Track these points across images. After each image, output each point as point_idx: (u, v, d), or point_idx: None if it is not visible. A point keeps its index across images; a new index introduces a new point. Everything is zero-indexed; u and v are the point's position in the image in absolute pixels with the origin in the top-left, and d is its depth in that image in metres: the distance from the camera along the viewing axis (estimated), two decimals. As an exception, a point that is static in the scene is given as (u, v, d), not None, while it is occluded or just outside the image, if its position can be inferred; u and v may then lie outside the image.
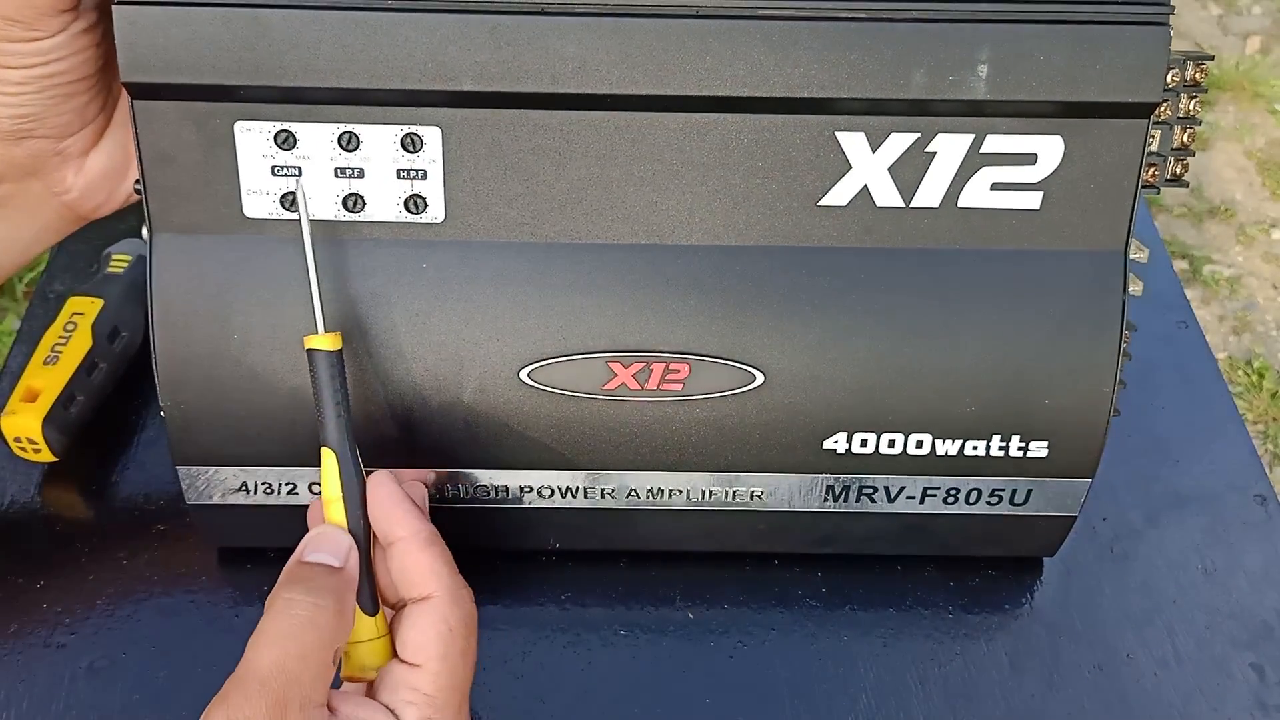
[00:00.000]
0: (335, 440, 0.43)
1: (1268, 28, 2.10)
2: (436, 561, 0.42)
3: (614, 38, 0.43)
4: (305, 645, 0.39)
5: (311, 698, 0.39)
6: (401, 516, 0.43)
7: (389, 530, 0.43)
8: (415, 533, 0.43)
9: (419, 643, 0.42)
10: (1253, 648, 0.53)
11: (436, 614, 0.42)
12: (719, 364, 0.47)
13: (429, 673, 0.41)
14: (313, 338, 0.43)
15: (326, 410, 0.43)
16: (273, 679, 0.38)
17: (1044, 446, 0.49)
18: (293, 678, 0.38)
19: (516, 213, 0.46)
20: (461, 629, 0.42)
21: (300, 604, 0.40)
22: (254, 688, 0.38)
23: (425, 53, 0.43)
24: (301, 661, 0.39)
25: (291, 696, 0.38)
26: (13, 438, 0.56)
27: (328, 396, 0.43)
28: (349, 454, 0.43)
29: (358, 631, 0.43)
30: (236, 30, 0.42)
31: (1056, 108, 0.44)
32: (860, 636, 0.53)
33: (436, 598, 0.42)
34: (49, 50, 0.43)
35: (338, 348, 0.43)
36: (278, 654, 0.39)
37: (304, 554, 0.42)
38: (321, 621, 0.40)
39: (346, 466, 0.43)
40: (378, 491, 0.43)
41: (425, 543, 0.43)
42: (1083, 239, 0.47)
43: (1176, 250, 1.67)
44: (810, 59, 0.43)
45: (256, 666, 0.38)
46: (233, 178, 0.45)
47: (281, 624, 0.40)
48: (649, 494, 0.50)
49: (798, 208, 0.46)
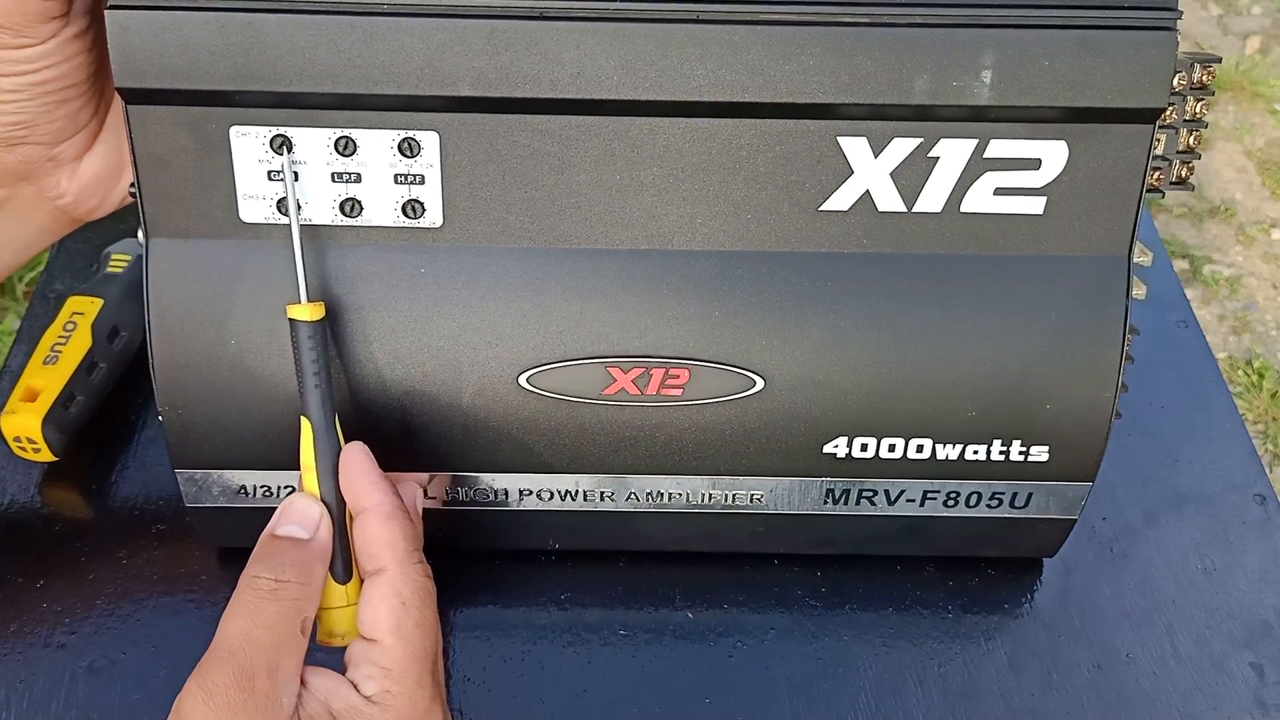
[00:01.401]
0: (312, 410, 0.44)
1: (1267, 28, 2.09)
2: (394, 534, 0.43)
3: (613, 42, 0.42)
4: (269, 616, 0.41)
5: (280, 665, 0.40)
6: (367, 488, 0.44)
7: (356, 501, 0.44)
8: (378, 505, 0.43)
9: (373, 616, 0.43)
10: (1252, 647, 0.53)
11: (389, 587, 0.43)
12: (719, 369, 0.47)
13: (384, 647, 0.42)
14: (294, 307, 0.44)
15: (306, 380, 0.44)
16: (240, 648, 0.40)
17: (1045, 451, 0.49)
18: (258, 646, 0.40)
19: (515, 218, 0.45)
20: (415, 600, 0.43)
21: (264, 580, 0.41)
22: (223, 656, 0.40)
23: (422, 57, 0.42)
24: (267, 631, 0.40)
25: (258, 664, 0.39)
26: (12, 437, 0.56)
27: (307, 366, 0.44)
28: (325, 424, 0.44)
29: (329, 598, 0.44)
30: (231, 35, 0.42)
31: (1061, 113, 0.44)
32: (860, 636, 0.53)
33: (389, 570, 0.43)
34: (39, 57, 0.43)
35: (319, 318, 0.44)
36: (244, 624, 0.40)
37: (275, 526, 0.43)
38: (285, 594, 0.41)
39: (321, 436, 0.44)
40: (349, 463, 0.44)
41: (386, 516, 0.43)
42: (1086, 244, 0.46)
43: (1176, 250, 1.67)
44: (812, 64, 0.43)
45: (225, 637, 0.40)
46: (229, 182, 0.45)
47: (246, 598, 0.41)
48: (648, 498, 0.50)
49: (799, 213, 0.46)
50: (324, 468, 0.44)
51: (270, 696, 0.39)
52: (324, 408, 0.44)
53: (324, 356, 0.44)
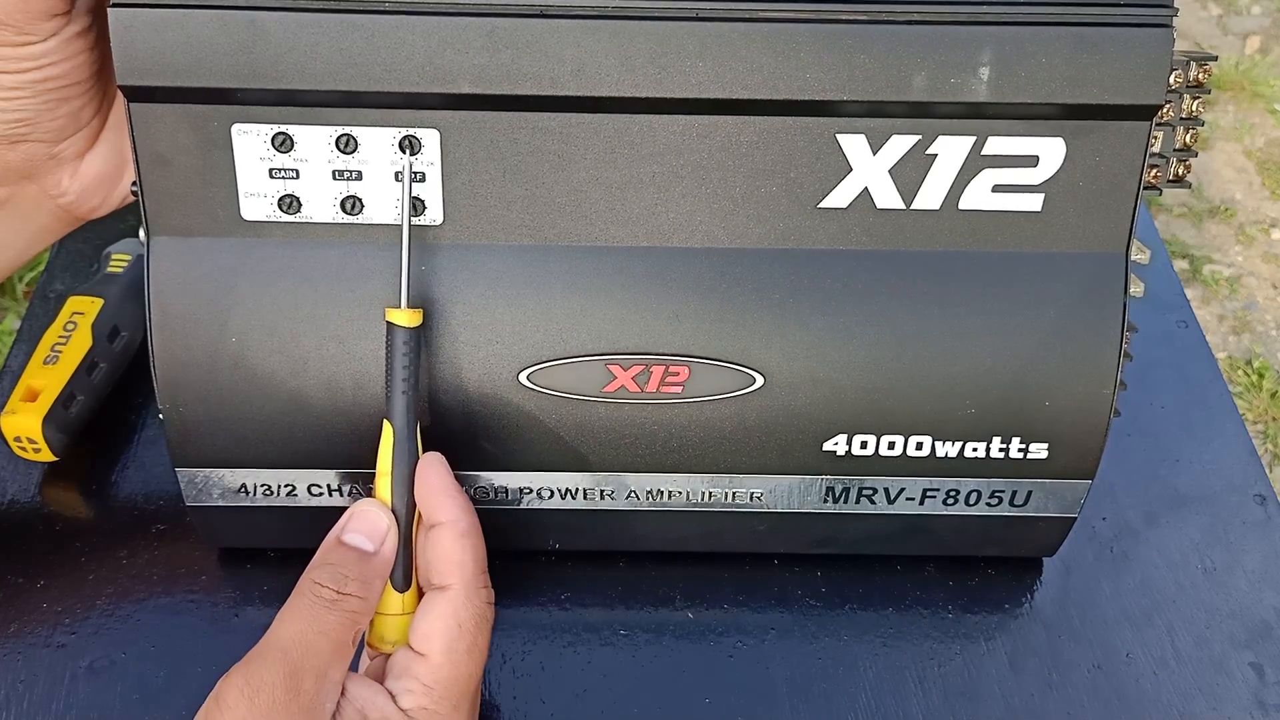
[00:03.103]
0: (396, 415, 0.44)
1: (1267, 28, 2.10)
2: (464, 554, 0.43)
3: (613, 40, 0.43)
4: (326, 624, 0.41)
5: (328, 672, 0.40)
6: (444, 502, 0.43)
7: (431, 514, 0.44)
8: (454, 521, 0.43)
9: (427, 632, 0.42)
10: (1252, 647, 0.53)
11: (449, 606, 0.42)
12: (719, 366, 0.47)
13: (431, 664, 0.42)
14: (393, 311, 0.44)
15: (395, 384, 0.43)
16: (293, 649, 0.40)
17: (1044, 448, 0.49)
18: (312, 651, 0.40)
19: (515, 215, 0.46)
20: (471, 625, 0.42)
21: (326, 589, 0.41)
22: (275, 655, 0.40)
23: (423, 55, 0.43)
24: (322, 637, 0.40)
25: (308, 667, 0.40)
26: (13, 437, 0.56)
27: (398, 371, 0.43)
28: (407, 431, 0.44)
29: (386, 604, 0.44)
30: (233, 33, 0.42)
31: (1058, 110, 0.44)
32: (859, 636, 0.53)
33: (453, 590, 0.42)
34: (42, 55, 0.43)
35: (415, 324, 0.44)
36: (300, 628, 0.40)
37: (342, 532, 0.43)
38: (345, 606, 0.41)
39: (401, 444, 0.44)
40: (426, 474, 0.44)
41: (460, 534, 0.43)
42: (1084, 241, 0.47)
43: (1176, 250, 1.67)
44: (811, 61, 0.43)
45: (279, 636, 0.40)
46: (230, 180, 0.45)
47: (306, 603, 0.41)
48: (649, 495, 0.50)
49: (798, 210, 0.46)
50: (400, 474, 0.44)
51: (315, 701, 0.39)
52: (409, 414, 0.44)
53: (416, 364, 0.44)
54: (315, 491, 0.50)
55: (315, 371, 0.46)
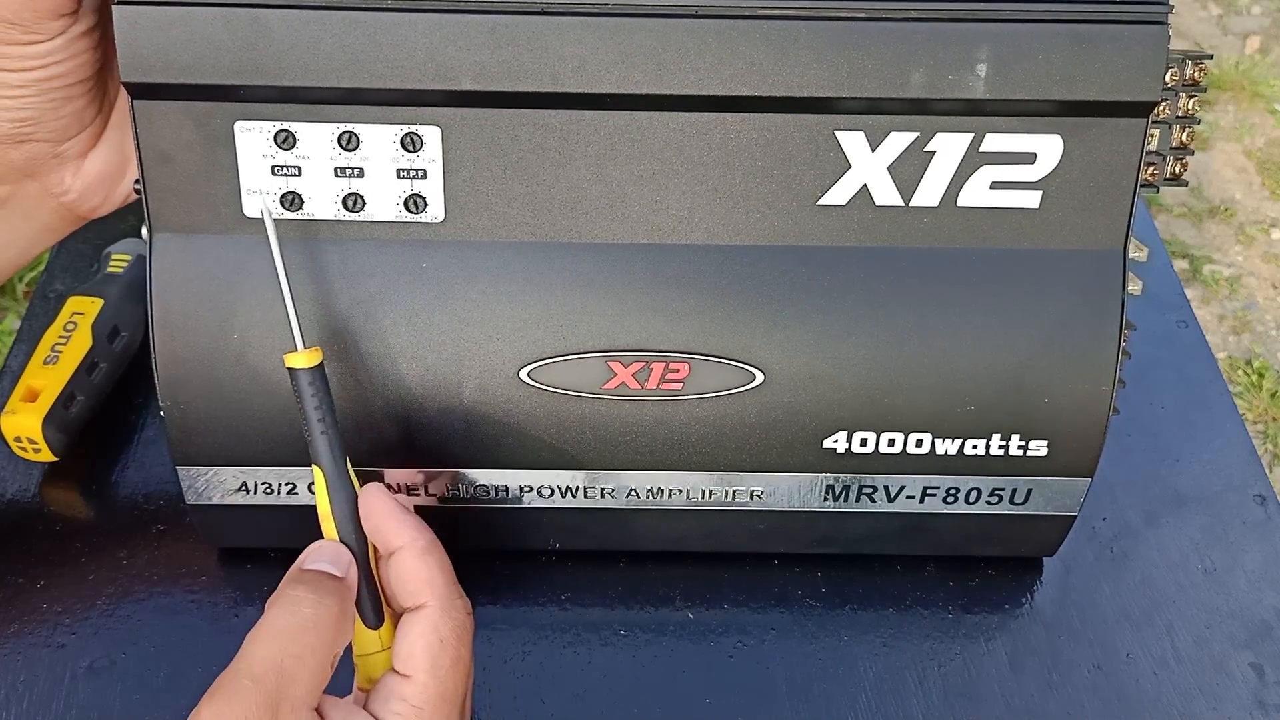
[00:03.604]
0: (322, 456, 0.43)
1: (1267, 28, 2.11)
2: (431, 570, 0.42)
3: (613, 37, 0.43)
4: (304, 645, 0.38)
5: (304, 700, 0.38)
6: (395, 526, 0.42)
7: (387, 541, 0.43)
8: (412, 541, 0.42)
9: (409, 652, 0.41)
10: (1252, 647, 0.53)
11: (428, 624, 0.41)
12: (719, 363, 0.47)
13: (417, 684, 0.41)
14: (291, 355, 0.43)
15: (311, 427, 0.43)
16: (266, 676, 0.37)
17: (1043, 445, 0.49)
18: (288, 677, 0.38)
19: (516, 212, 0.46)
20: (453, 639, 0.41)
21: (306, 602, 0.39)
22: (245, 684, 0.37)
23: (425, 52, 0.43)
24: (298, 661, 0.38)
25: (283, 696, 0.37)
26: (13, 437, 0.56)
27: (310, 413, 0.43)
28: (335, 469, 0.43)
29: (365, 644, 0.43)
30: (236, 30, 0.42)
31: (1055, 107, 0.45)
32: (860, 636, 0.53)
33: (429, 607, 0.41)
34: (47, 53, 0.43)
35: (316, 363, 0.43)
36: (275, 651, 0.38)
37: (304, 563, 0.42)
38: (324, 623, 0.39)
39: (334, 483, 0.43)
40: (371, 504, 0.43)
41: (421, 551, 0.42)
42: (1081, 238, 0.47)
43: (1176, 250, 1.67)
44: (809, 58, 0.43)
45: (250, 662, 0.38)
46: (233, 177, 0.45)
47: (284, 621, 0.39)
48: (648, 494, 0.50)
49: (797, 207, 0.46)
50: (341, 513, 0.43)
51: None
52: (334, 453, 0.43)
53: (327, 401, 0.43)
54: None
55: (316, 368, 0.46)
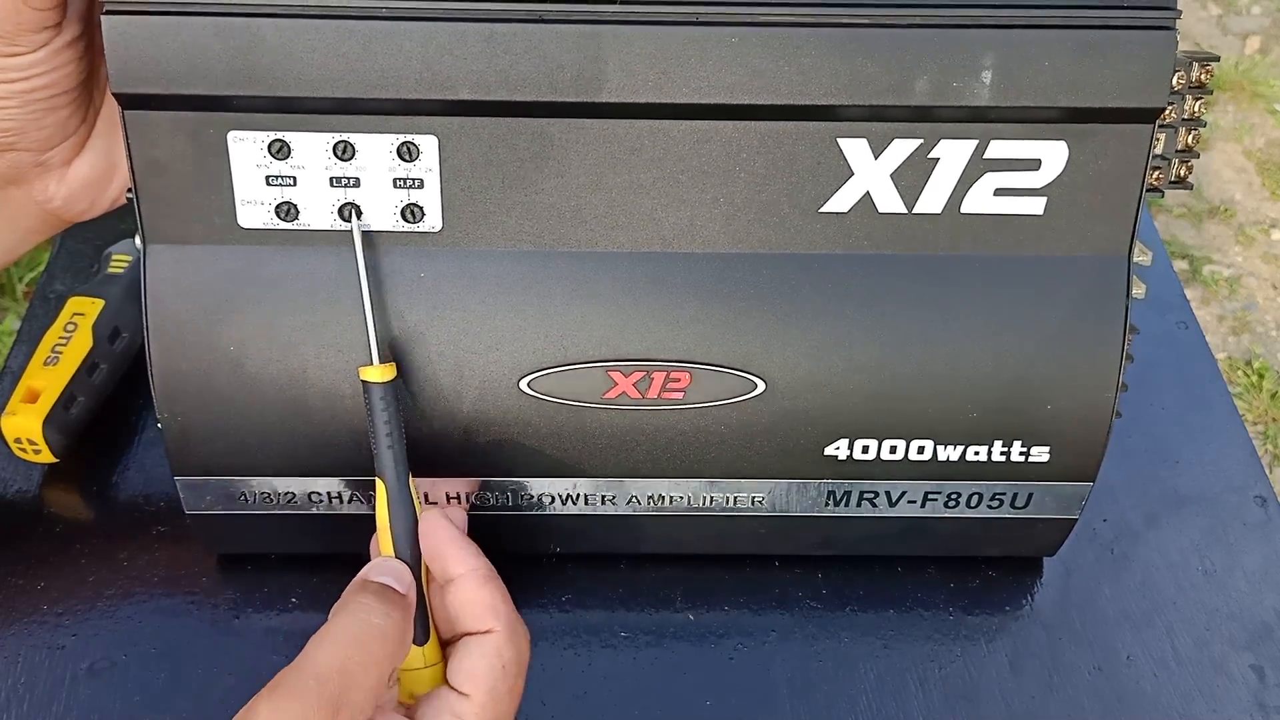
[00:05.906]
0: (385, 470, 0.44)
1: (1267, 28, 2.09)
2: (495, 598, 0.43)
3: (612, 45, 0.42)
4: (369, 654, 0.39)
5: (363, 706, 0.38)
6: (457, 554, 0.44)
7: (446, 568, 0.44)
8: (474, 570, 0.43)
9: (471, 673, 0.42)
10: (1252, 649, 0.53)
11: (493, 648, 0.42)
12: (720, 372, 0.47)
13: (475, 703, 0.42)
14: (366, 369, 0.44)
15: (379, 440, 0.43)
16: (331, 678, 0.37)
17: (1045, 452, 0.49)
18: (351, 682, 0.38)
19: (515, 221, 0.45)
20: (514, 667, 0.43)
21: (376, 611, 0.40)
22: (309, 684, 0.37)
23: (421, 61, 0.42)
24: (363, 668, 0.38)
25: (345, 701, 0.37)
26: (13, 438, 0.56)
27: (380, 426, 0.43)
28: (398, 484, 0.44)
29: (409, 659, 0.43)
30: (228, 39, 0.42)
31: (1061, 113, 0.44)
32: (860, 638, 0.53)
33: (496, 633, 0.43)
34: (30, 65, 0.43)
35: (389, 379, 0.44)
36: (341, 655, 0.38)
37: (369, 575, 0.43)
38: (390, 634, 0.40)
39: (395, 498, 0.44)
40: (434, 530, 0.44)
41: (484, 579, 0.43)
42: (1086, 244, 0.46)
43: (1176, 250, 1.67)
44: (812, 65, 0.43)
45: (316, 662, 0.38)
46: (227, 188, 0.44)
47: (354, 626, 0.39)
48: (650, 501, 0.50)
49: (799, 214, 0.46)
50: (399, 530, 0.44)
51: None
52: (398, 469, 0.43)
53: (397, 417, 0.44)
54: (316, 499, 0.49)
55: (314, 379, 0.46)
